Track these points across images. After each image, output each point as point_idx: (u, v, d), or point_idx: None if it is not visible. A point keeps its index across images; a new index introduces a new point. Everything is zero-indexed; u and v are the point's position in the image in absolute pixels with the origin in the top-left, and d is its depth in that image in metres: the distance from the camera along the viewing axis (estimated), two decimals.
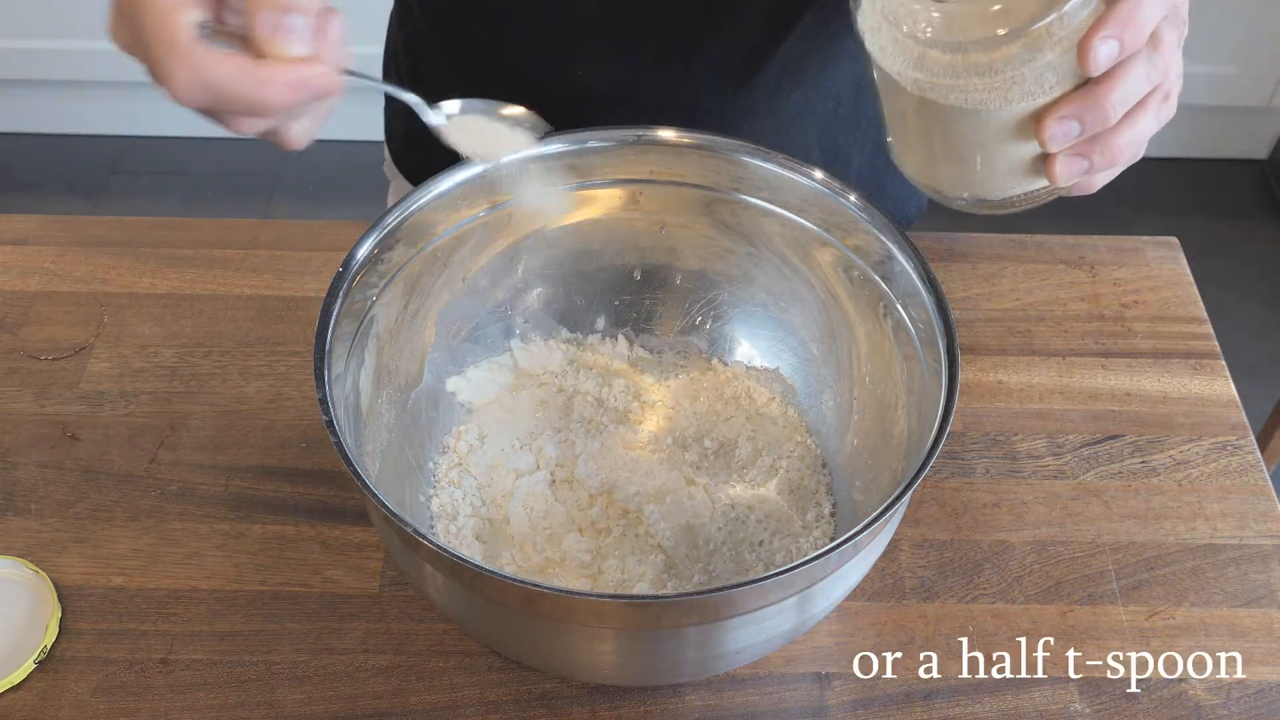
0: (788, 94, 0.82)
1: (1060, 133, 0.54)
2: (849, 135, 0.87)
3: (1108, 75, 0.54)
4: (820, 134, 0.86)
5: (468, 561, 0.54)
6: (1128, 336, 0.85)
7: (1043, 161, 0.56)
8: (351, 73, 0.55)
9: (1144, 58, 0.54)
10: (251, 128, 0.53)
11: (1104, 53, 0.52)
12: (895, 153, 0.61)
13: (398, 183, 1.00)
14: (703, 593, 0.61)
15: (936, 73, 0.54)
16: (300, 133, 0.56)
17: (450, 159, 0.68)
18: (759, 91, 0.82)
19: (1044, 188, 0.59)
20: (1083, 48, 0.52)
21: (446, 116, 0.64)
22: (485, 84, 0.83)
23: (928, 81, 0.55)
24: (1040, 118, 0.54)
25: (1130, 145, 0.56)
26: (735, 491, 0.72)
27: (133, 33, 0.51)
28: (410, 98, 0.62)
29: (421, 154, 0.65)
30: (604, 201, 0.74)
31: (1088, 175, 0.57)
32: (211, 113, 0.52)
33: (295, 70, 0.51)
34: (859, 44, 0.57)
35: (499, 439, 0.74)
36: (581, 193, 0.73)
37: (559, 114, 0.69)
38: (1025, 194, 0.59)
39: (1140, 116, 0.56)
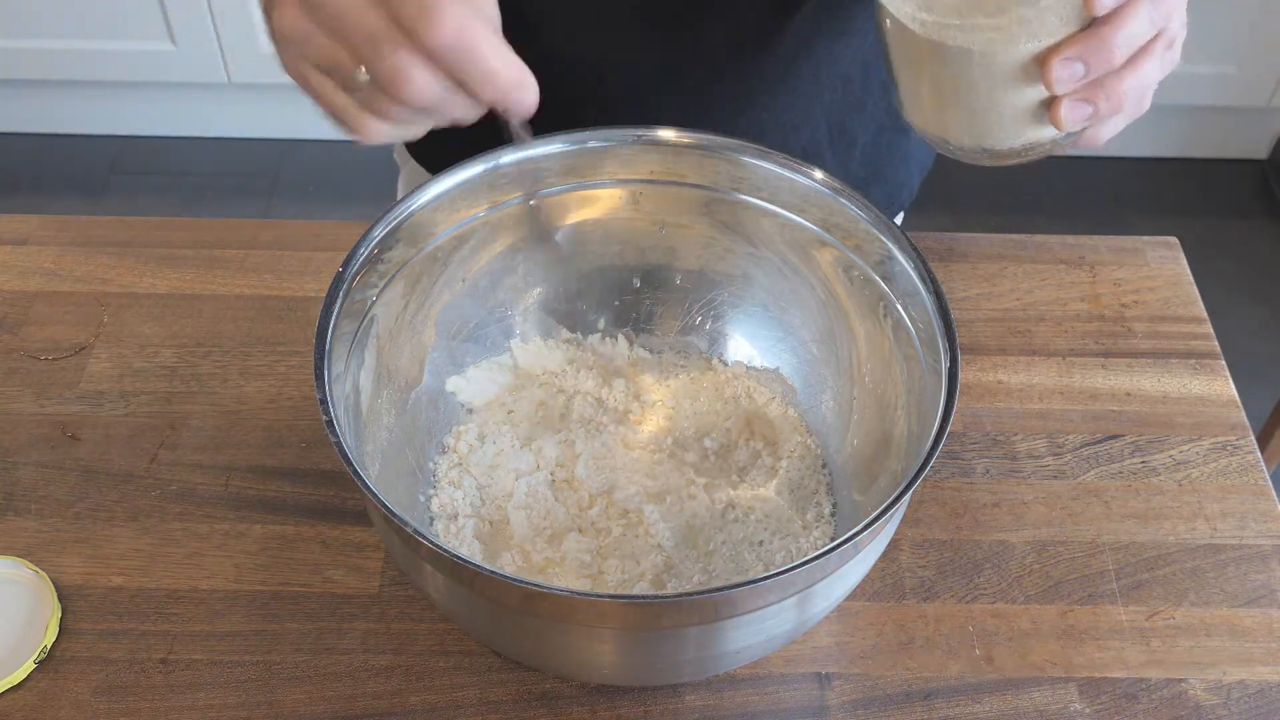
0: (799, 69, 0.83)
1: (1065, 74, 0.55)
2: (856, 116, 0.87)
3: (1111, 16, 0.54)
4: (828, 113, 0.86)
5: (468, 561, 0.54)
6: (1128, 336, 0.85)
7: (1048, 108, 0.57)
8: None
9: (1148, 1, 0.55)
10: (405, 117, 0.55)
11: None
12: (903, 105, 0.62)
13: (409, 169, 1.00)
14: (703, 593, 0.61)
15: (944, 14, 0.55)
16: (383, 131, 0.56)
17: (465, 146, 0.68)
18: (771, 65, 0.82)
19: (1049, 138, 0.59)
20: None
21: None
22: None
23: (935, 23, 0.55)
24: (1045, 59, 0.55)
25: (1134, 91, 0.57)
26: (735, 491, 0.72)
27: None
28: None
29: (438, 139, 0.65)
30: (604, 201, 0.74)
31: (1094, 124, 0.58)
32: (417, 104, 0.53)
33: (516, 68, 0.53)
34: None
35: (499, 439, 0.74)
36: (581, 193, 0.73)
37: (569, 85, 0.69)
38: (1031, 143, 0.59)
39: (1144, 62, 0.56)
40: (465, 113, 0.55)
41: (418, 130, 0.58)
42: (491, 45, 0.52)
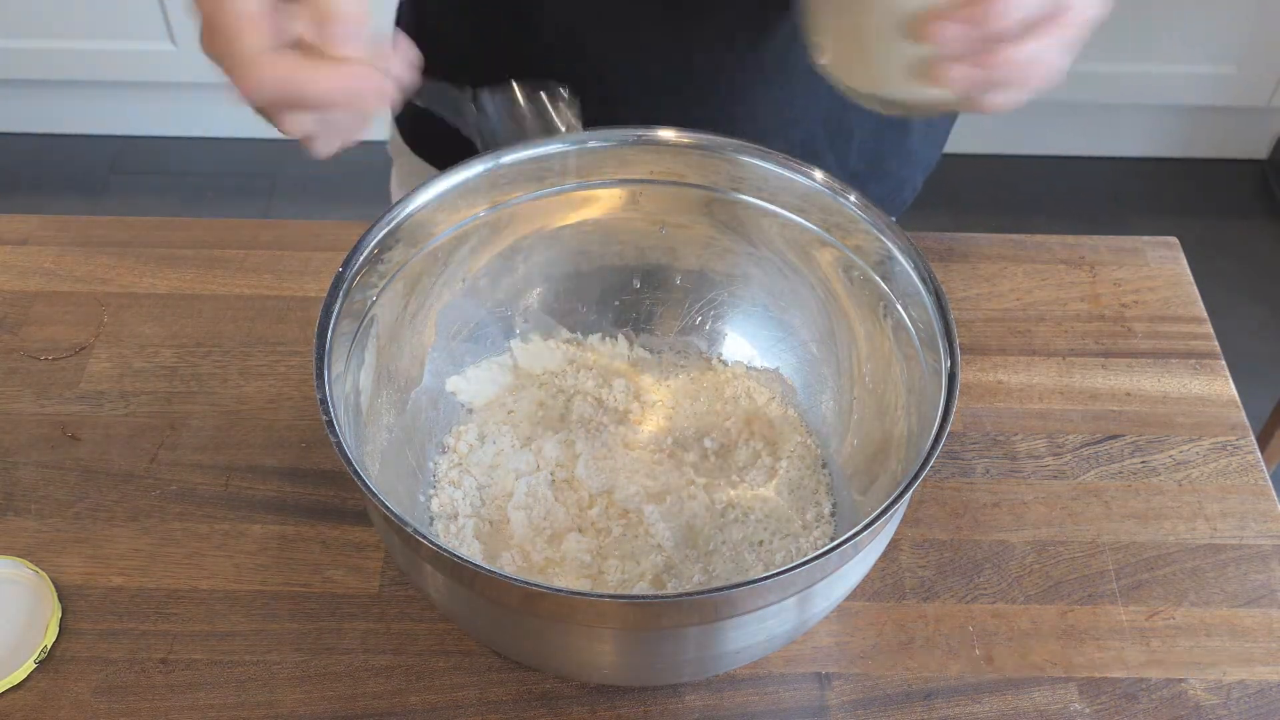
0: (796, 59, 0.83)
1: (946, 33, 0.55)
2: (854, 112, 0.87)
3: None
4: (826, 106, 0.86)
5: (468, 561, 0.54)
6: (1128, 336, 0.85)
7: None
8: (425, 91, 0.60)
9: None
10: (296, 125, 0.57)
11: None
12: (809, 41, 0.63)
13: (402, 161, 1.00)
14: (703, 593, 0.61)
15: None
16: (327, 144, 0.59)
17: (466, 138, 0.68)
18: (768, 54, 0.82)
19: (937, 97, 0.59)
20: None
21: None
22: (496, 43, 0.82)
23: None
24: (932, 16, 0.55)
25: (1029, 64, 0.56)
26: (735, 492, 0.72)
27: (215, 48, 0.57)
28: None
29: (433, 126, 0.65)
30: (604, 201, 0.74)
31: (986, 91, 0.57)
32: (270, 108, 0.57)
33: (341, 67, 0.55)
34: None
35: (499, 439, 0.74)
36: (581, 193, 0.73)
37: (566, 73, 0.69)
38: (921, 99, 0.60)
39: (1040, 36, 0.56)
40: (351, 121, 0.58)
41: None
42: (308, 69, 0.54)
